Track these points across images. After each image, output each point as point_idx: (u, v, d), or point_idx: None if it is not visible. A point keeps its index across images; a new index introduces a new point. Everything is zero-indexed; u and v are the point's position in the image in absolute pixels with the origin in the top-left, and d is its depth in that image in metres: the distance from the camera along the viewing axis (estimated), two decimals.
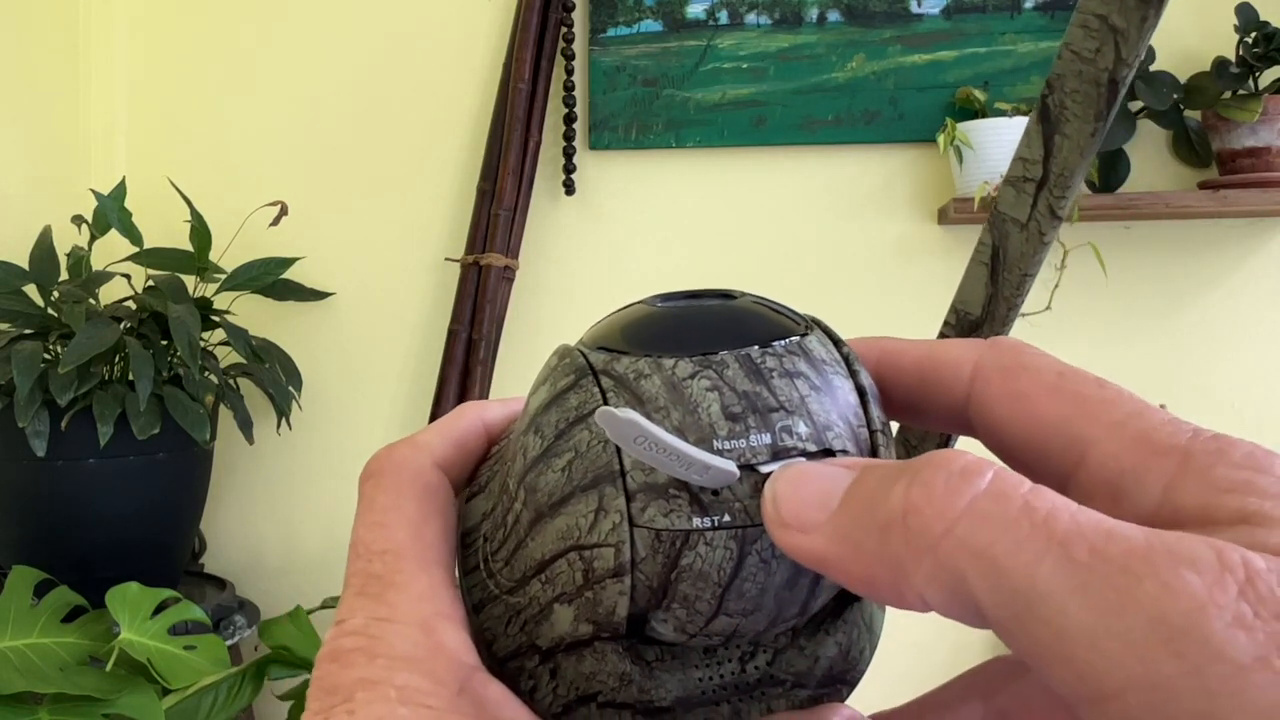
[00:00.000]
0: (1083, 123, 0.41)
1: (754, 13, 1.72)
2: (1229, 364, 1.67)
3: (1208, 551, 0.15)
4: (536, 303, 1.73)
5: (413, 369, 1.77)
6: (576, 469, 0.20)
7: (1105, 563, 0.15)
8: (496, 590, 0.23)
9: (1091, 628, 0.15)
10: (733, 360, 0.20)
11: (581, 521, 0.20)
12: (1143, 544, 0.15)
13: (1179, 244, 1.68)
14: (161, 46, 1.83)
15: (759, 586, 0.20)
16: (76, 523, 1.42)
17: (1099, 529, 0.16)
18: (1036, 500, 0.16)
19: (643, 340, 0.21)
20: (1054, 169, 0.42)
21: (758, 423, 0.20)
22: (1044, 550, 0.16)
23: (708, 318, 0.22)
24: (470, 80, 1.76)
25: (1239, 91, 1.56)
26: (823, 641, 0.22)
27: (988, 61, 1.68)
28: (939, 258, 1.70)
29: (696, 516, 0.19)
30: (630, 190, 1.75)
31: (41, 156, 1.73)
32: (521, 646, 0.22)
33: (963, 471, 0.17)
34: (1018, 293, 0.45)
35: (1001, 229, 0.45)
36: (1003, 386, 0.21)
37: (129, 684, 1.16)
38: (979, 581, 0.16)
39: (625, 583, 0.20)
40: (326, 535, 1.79)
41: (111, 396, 1.35)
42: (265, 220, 1.60)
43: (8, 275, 1.45)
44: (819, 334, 0.22)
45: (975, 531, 0.16)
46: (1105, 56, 0.40)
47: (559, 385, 0.21)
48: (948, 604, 0.17)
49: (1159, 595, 0.15)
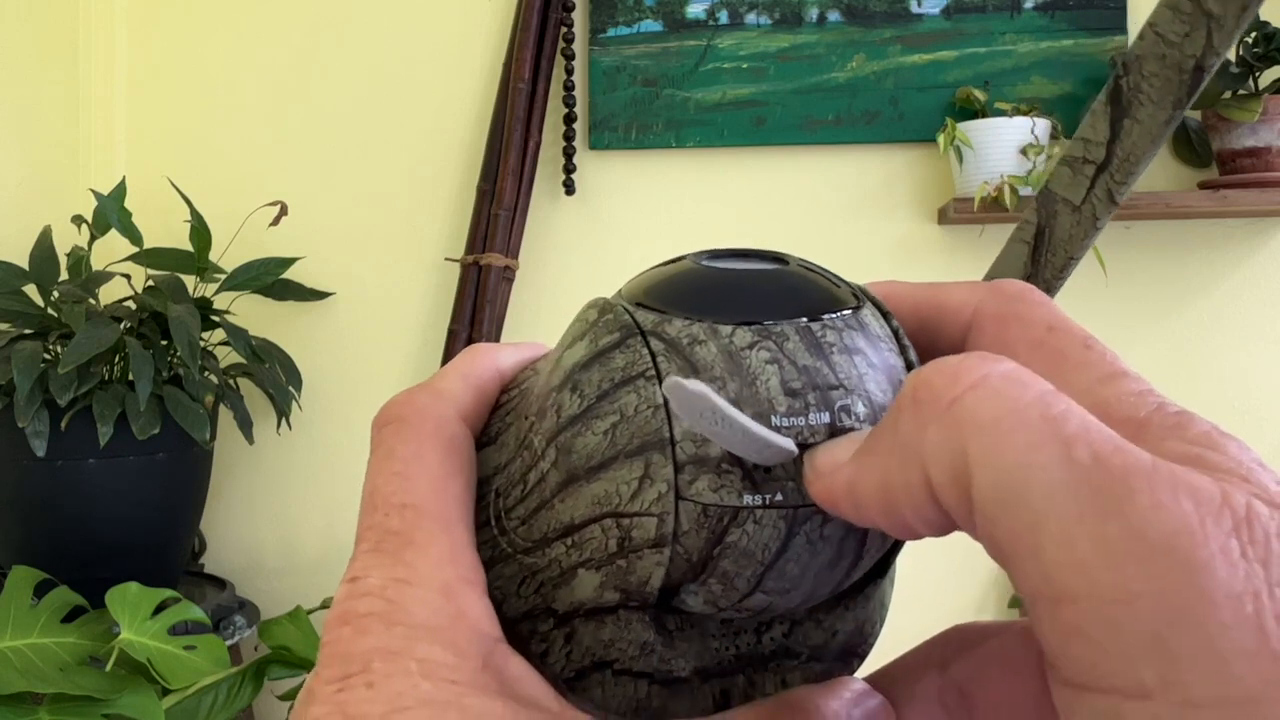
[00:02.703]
0: (1158, 109, 0.40)
1: (754, 13, 1.72)
2: (1229, 364, 1.67)
3: (1213, 486, 0.15)
4: (536, 303, 1.73)
5: (413, 369, 1.77)
6: (621, 433, 0.19)
7: (1104, 470, 0.15)
8: (509, 549, 0.22)
9: (1070, 526, 0.14)
10: (793, 332, 0.20)
11: (623, 488, 0.19)
12: (1148, 463, 0.15)
13: (1179, 244, 1.68)
14: (161, 46, 1.83)
15: (801, 567, 0.19)
16: (76, 523, 1.42)
17: (1108, 440, 0.15)
18: (1053, 397, 0.16)
19: (691, 301, 0.20)
20: (1119, 153, 0.41)
21: (817, 400, 0.19)
22: (1046, 440, 0.15)
23: (760, 282, 0.21)
24: (470, 80, 1.76)
25: (1239, 91, 1.56)
26: (842, 616, 0.22)
27: (988, 61, 1.68)
28: (939, 258, 1.70)
29: (748, 494, 0.19)
30: (630, 190, 1.75)
31: (41, 156, 1.73)
32: (535, 608, 0.21)
33: (982, 355, 0.17)
34: (1060, 276, 0.44)
35: (1050, 209, 0.44)
36: (993, 334, 0.21)
37: (129, 684, 1.16)
38: (977, 454, 0.15)
39: (664, 554, 0.19)
40: (326, 535, 1.79)
41: (111, 396, 1.35)
42: (265, 220, 1.60)
43: (8, 275, 1.45)
44: (871, 307, 0.21)
45: (984, 402, 0.16)
46: (1194, 42, 0.38)
47: (602, 342, 0.20)
48: (947, 481, 0.16)
49: (1149, 511, 0.14)
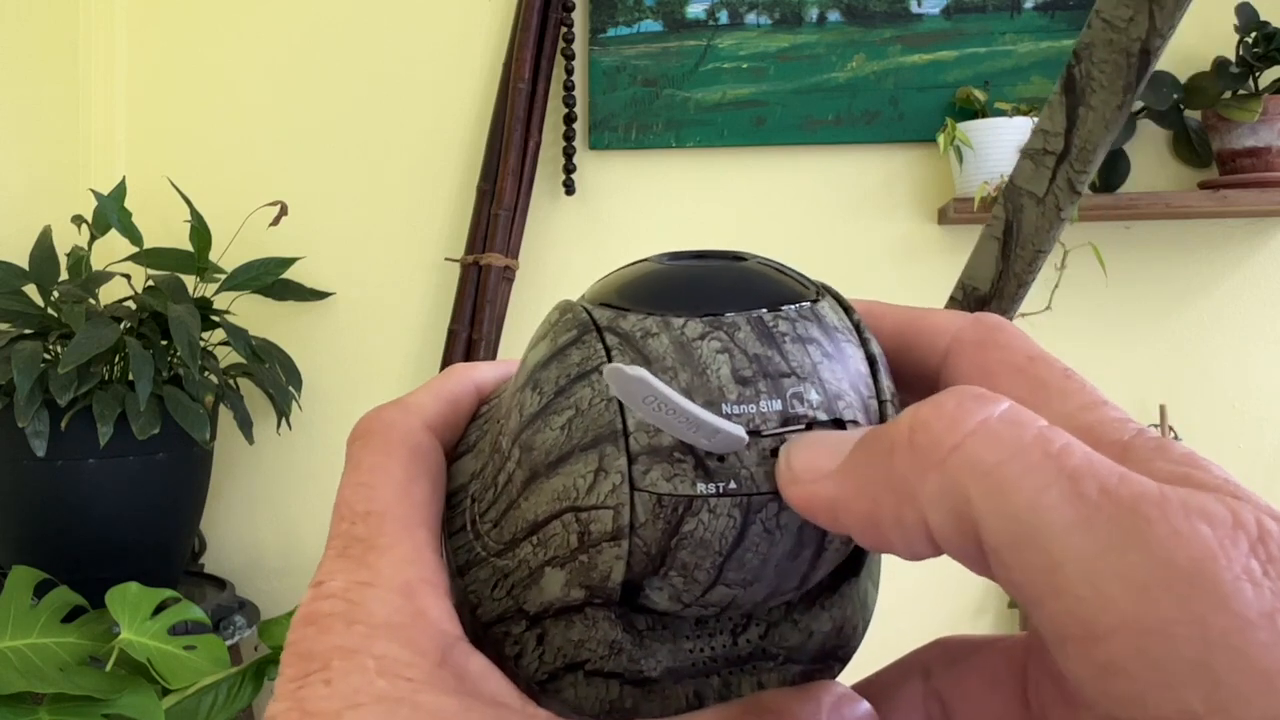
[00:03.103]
0: (1110, 94, 0.40)
1: (754, 13, 1.72)
2: (1229, 364, 1.67)
3: (1222, 507, 0.15)
4: (536, 303, 1.73)
5: (413, 369, 1.77)
6: (576, 427, 0.19)
7: (1114, 502, 0.15)
8: (484, 552, 0.22)
9: (1091, 563, 0.14)
10: (744, 322, 0.20)
11: (580, 482, 0.19)
12: (1156, 491, 0.15)
13: (1179, 244, 1.68)
14: (161, 46, 1.83)
15: (760, 557, 0.19)
16: (76, 523, 1.42)
17: (1112, 470, 0.15)
18: (1051, 433, 0.16)
19: (649, 298, 0.21)
20: (1076, 142, 0.42)
21: (769, 388, 0.19)
22: (1053, 479, 0.15)
23: (717, 277, 0.21)
24: (470, 80, 1.76)
25: (1239, 91, 1.56)
26: (817, 616, 0.21)
27: (988, 61, 1.68)
28: (939, 258, 1.70)
29: (701, 482, 0.19)
30: (630, 190, 1.75)
31: (41, 156, 1.73)
32: (508, 611, 0.21)
33: (978, 395, 0.17)
34: (1029, 269, 0.44)
35: (1016, 203, 0.44)
36: (973, 361, 0.21)
37: (129, 684, 1.16)
38: (982, 502, 0.15)
39: (622, 547, 0.19)
40: (326, 535, 1.79)
41: (111, 396, 1.35)
42: (265, 220, 1.60)
43: (8, 275, 1.45)
44: (830, 300, 0.21)
45: (985, 449, 0.16)
46: (1138, 25, 0.39)
47: (560, 341, 0.21)
48: (950, 529, 0.16)
49: (1168, 540, 0.14)
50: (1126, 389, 1.66)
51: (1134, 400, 1.66)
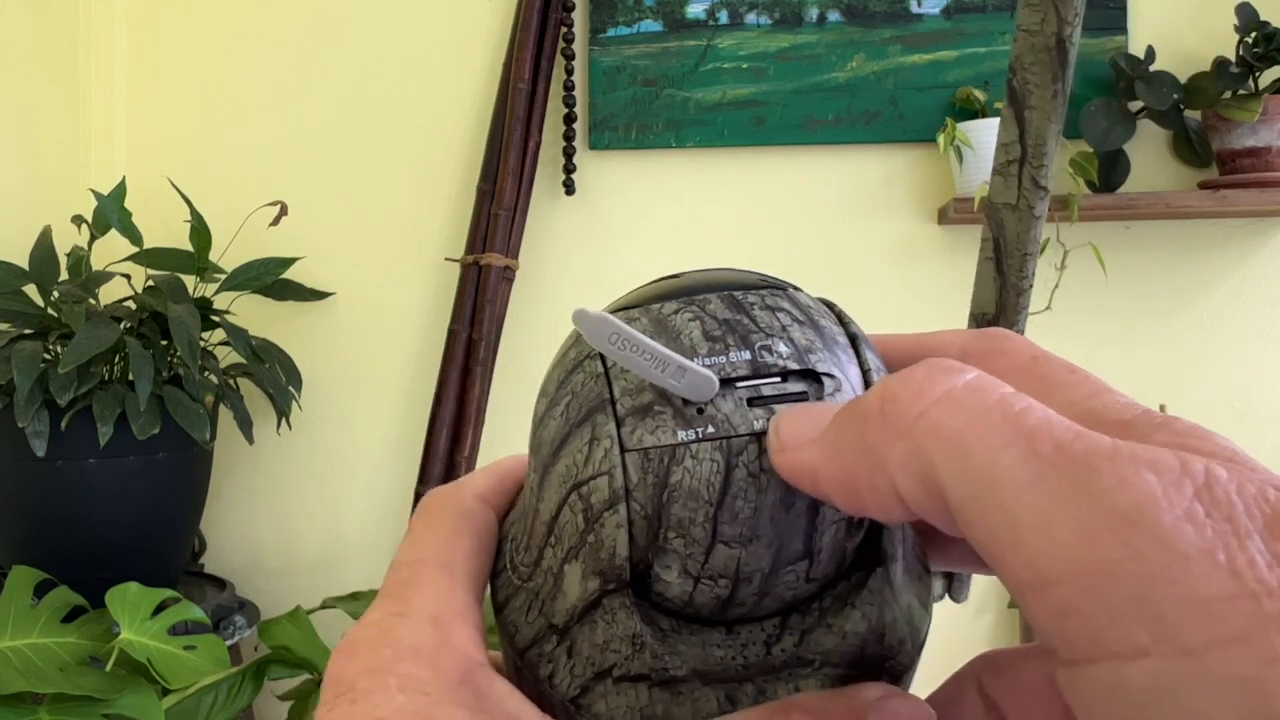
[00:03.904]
0: (1044, 90, 0.45)
1: (754, 13, 1.72)
2: (1229, 364, 1.67)
3: (1171, 458, 0.15)
4: (536, 303, 1.73)
5: (413, 369, 1.77)
6: (573, 409, 0.21)
7: (1067, 457, 0.15)
8: (518, 581, 0.23)
9: (1043, 514, 0.15)
10: (716, 298, 0.21)
11: (578, 456, 0.20)
12: (1108, 445, 0.16)
13: (1179, 244, 1.68)
14: (161, 46, 1.83)
15: (751, 505, 0.20)
16: (76, 523, 1.42)
17: (1068, 429, 0.16)
18: (1014, 398, 0.17)
19: (640, 300, 0.22)
20: (1029, 142, 0.45)
21: (736, 342, 0.20)
22: (1010, 440, 0.16)
23: (704, 278, 0.23)
24: (470, 80, 1.76)
25: (1239, 91, 1.56)
26: (849, 615, 0.21)
27: (988, 61, 1.68)
28: (939, 258, 1.70)
29: (680, 429, 0.20)
30: (630, 190, 1.75)
31: (41, 156, 1.73)
32: (540, 631, 0.22)
33: (946, 367, 0.17)
34: (1022, 275, 0.47)
35: (996, 218, 0.47)
36: (980, 369, 0.21)
37: (129, 684, 1.16)
38: (946, 466, 0.16)
39: (621, 514, 0.20)
40: (326, 535, 1.79)
41: (111, 396, 1.35)
42: (265, 220, 1.60)
43: (8, 275, 1.45)
44: (810, 296, 0.22)
45: (948, 417, 0.17)
46: (1050, 23, 0.45)
47: (562, 349, 0.22)
48: (918, 493, 0.17)
49: (1114, 488, 0.15)
50: (1126, 389, 1.63)
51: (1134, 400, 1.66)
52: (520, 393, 1.71)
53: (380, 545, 1.76)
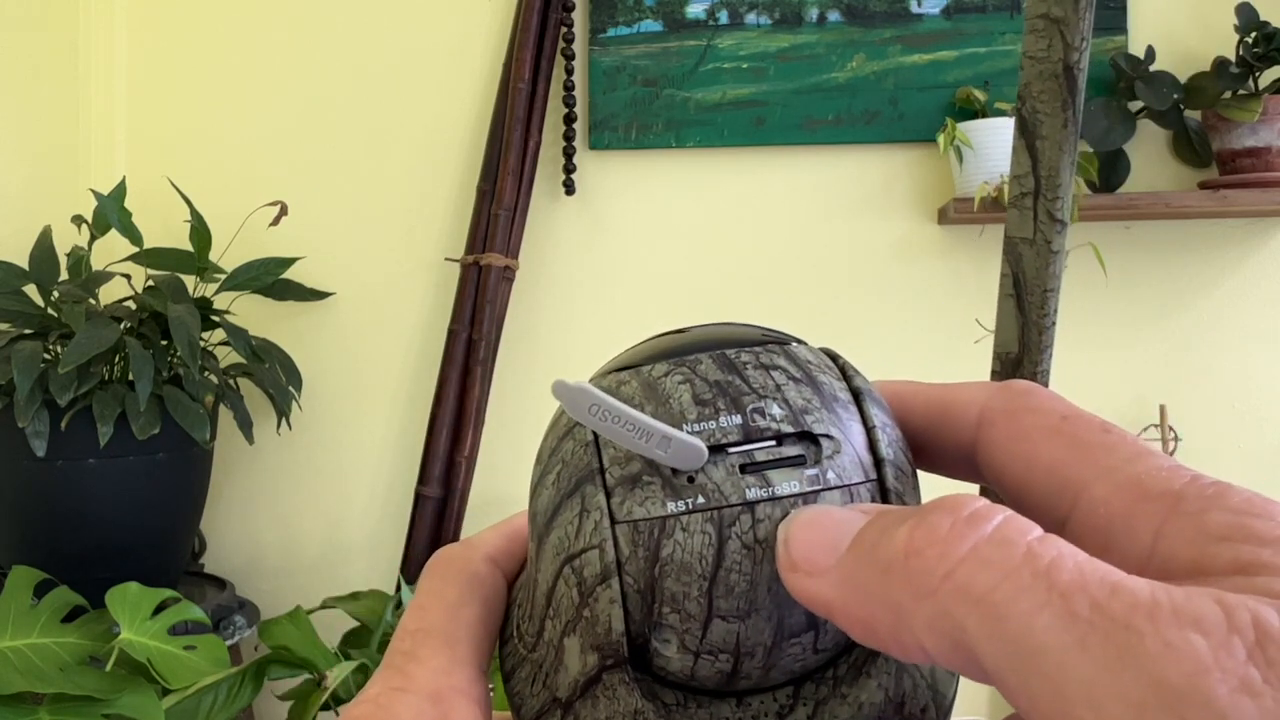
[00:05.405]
0: (1054, 119, 0.44)
1: (754, 13, 1.72)
2: (1229, 364, 1.67)
3: (1215, 610, 0.14)
4: (536, 303, 1.73)
5: (413, 369, 1.77)
6: (563, 478, 0.20)
7: (1107, 619, 0.15)
8: (523, 650, 0.22)
9: (1090, 686, 0.14)
10: (708, 358, 0.21)
11: (569, 529, 0.20)
12: (1147, 599, 0.15)
13: (1179, 244, 1.68)
14: (161, 47, 1.83)
15: (746, 578, 0.19)
16: (76, 523, 1.42)
17: (1104, 582, 0.15)
18: (1041, 548, 0.16)
19: (632, 360, 0.22)
20: (1042, 173, 0.45)
21: (727, 405, 0.20)
22: (1044, 601, 0.15)
23: (701, 335, 0.22)
24: (470, 80, 1.76)
25: (1239, 91, 1.56)
26: (864, 685, 0.20)
27: (988, 61, 1.68)
28: (939, 258, 1.70)
29: (670, 501, 0.19)
30: (630, 190, 1.75)
31: (41, 156, 1.73)
32: (545, 704, 0.21)
33: (970, 516, 0.16)
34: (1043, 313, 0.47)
35: (1014, 253, 0.47)
36: (1006, 429, 0.21)
37: (129, 684, 1.16)
38: (977, 630, 0.15)
39: (614, 587, 0.19)
40: (326, 535, 1.79)
41: (111, 396, 1.35)
42: (265, 220, 1.60)
43: (8, 275, 1.45)
44: (809, 347, 0.22)
45: (976, 577, 0.16)
46: (1056, 49, 0.44)
47: (556, 414, 0.22)
48: (947, 653, 0.16)
49: (1161, 655, 0.14)
50: (1126, 389, 1.66)
51: (1134, 400, 1.66)
52: (520, 393, 1.72)
53: (380, 545, 1.76)
